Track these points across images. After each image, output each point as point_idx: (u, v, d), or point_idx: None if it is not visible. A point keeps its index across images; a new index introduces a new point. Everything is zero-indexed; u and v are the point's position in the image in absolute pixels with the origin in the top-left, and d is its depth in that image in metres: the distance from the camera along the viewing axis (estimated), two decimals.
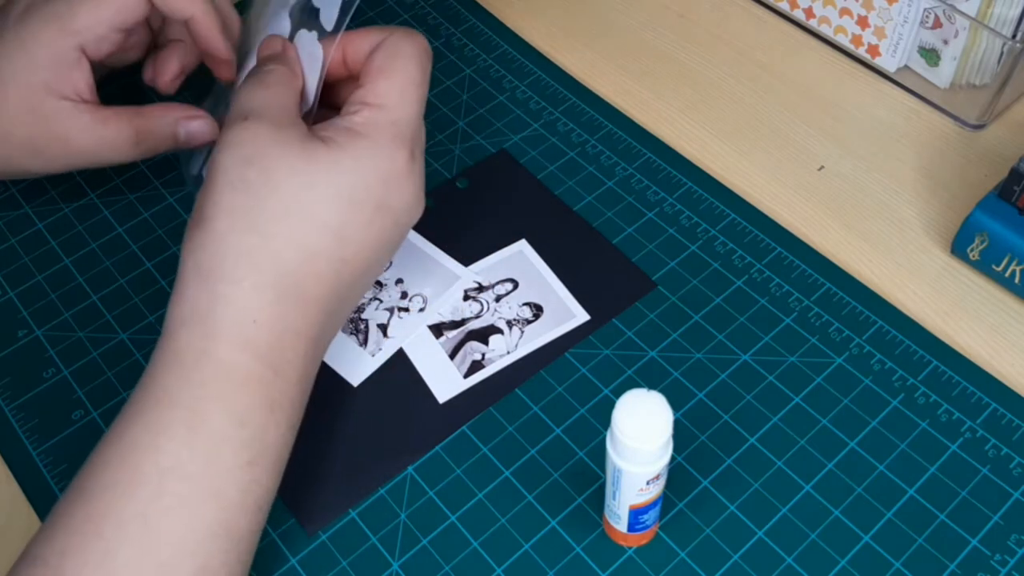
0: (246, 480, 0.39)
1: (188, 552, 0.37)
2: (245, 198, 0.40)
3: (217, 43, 0.49)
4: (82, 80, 0.48)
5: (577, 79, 0.61)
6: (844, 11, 0.60)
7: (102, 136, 0.49)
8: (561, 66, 0.62)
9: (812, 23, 0.63)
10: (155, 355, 0.40)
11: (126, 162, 0.51)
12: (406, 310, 0.51)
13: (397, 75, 0.43)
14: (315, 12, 0.46)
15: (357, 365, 0.49)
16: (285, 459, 0.41)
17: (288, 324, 0.40)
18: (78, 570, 0.36)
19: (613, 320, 0.50)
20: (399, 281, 0.52)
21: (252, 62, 0.51)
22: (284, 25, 0.47)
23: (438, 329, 0.50)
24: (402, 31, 0.45)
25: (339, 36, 0.44)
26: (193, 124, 0.50)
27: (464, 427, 0.47)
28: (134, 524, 0.37)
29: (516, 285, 0.52)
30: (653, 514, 0.42)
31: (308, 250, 0.40)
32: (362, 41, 0.45)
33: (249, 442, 0.39)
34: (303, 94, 0.45)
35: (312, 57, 0.45)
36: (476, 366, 0.49)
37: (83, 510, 0.37)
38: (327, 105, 0.47)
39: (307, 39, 0.46)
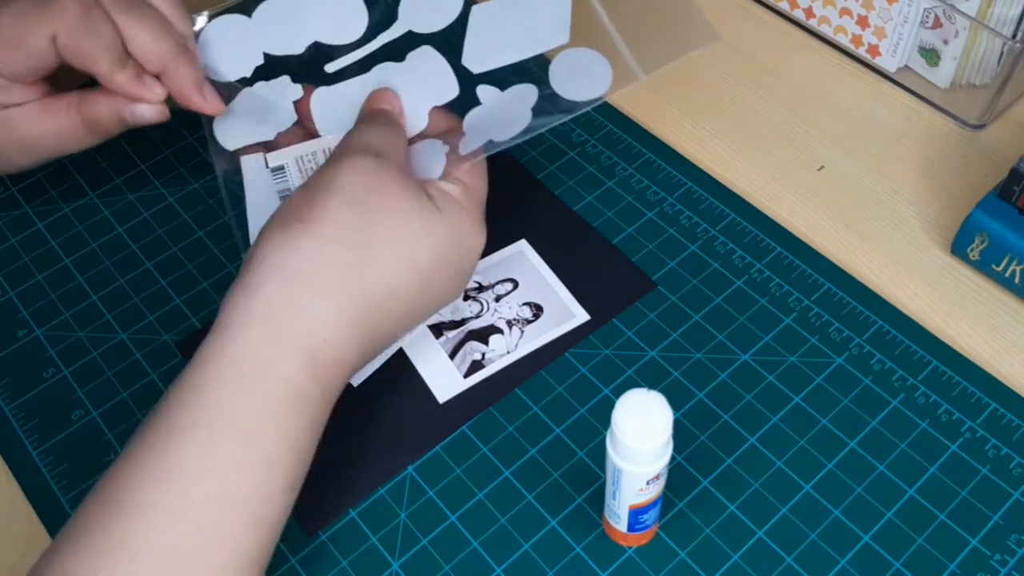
0: (286, 504, 0.38)
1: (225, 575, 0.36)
2: (358, 218, 0.40)
3: (135, 93, 0.48)
4: (25, 93, 0.47)
5: None
6: (844, 11, 0.60)
7: (55, 129, 0.48)
8: None
9: (812, 23, 0.63)
10: (207, 351, 0.38)
11: (88, 147, 0.50)
12: None
13: (479, 160, 0.46)
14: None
15: None
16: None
17: (350, 350, 0.40)
18: None
19: (613, 320, 0.50)
20: None
21: (354, 90, 0.50)
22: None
23: (438, 329, 0.50)
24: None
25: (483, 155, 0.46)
26: (138, 109, 0.48)
27: (464, 427, 0.47)
28: (177, 549, 0.35)
29: (516, 285, 0.52)
30: (653, 514, 0.42)
31: (394, 287, 0.41)
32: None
33: (295, 467, 0.38)
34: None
35: (495, 127, 0.46)
36: (476, 366, 0.49)
37: (120, 526, 0.35)
38: None
39: (502, 111, 0.47)
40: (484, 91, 0.48)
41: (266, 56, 0.50)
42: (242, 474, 0.37)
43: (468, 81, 0.49)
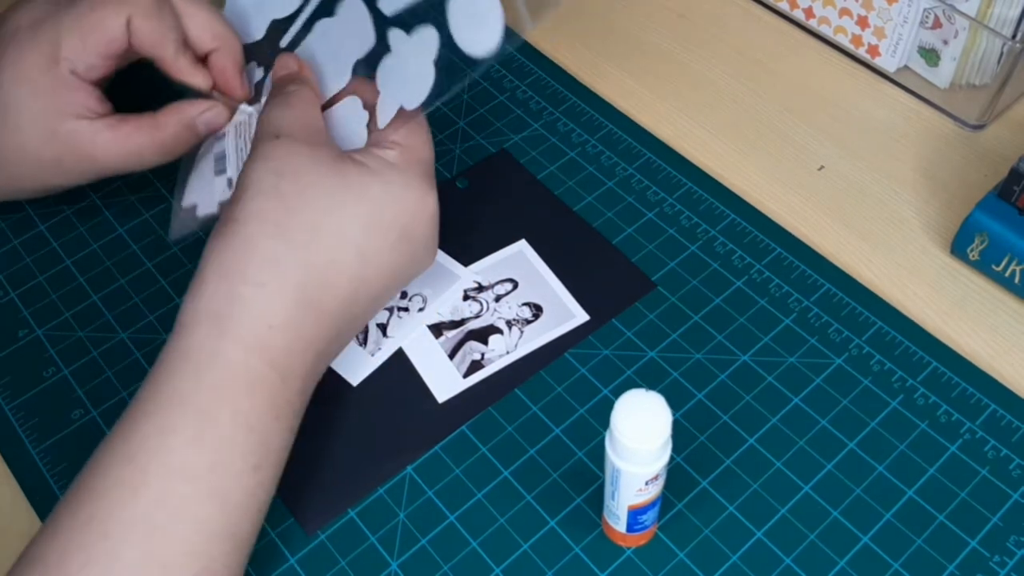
0: (252, 484, 0.39)
1: (192, 554, 0.37)
2: (277, 205, 0.41)
3: (192, 79, 0.50)
4: (89, 97, 0.48)
5: (577, 79, 0.62)
6: (844, 11, 0.60)
7: (125, 151, 0.49)
8: (562, 66, 0.62)
9: (812, 23, 0.63)
10: (165, 351, 0.40)
11: (148, 168, 0.51)
12: (406, 310, 0.51)
13: (415, 121, 0.45)
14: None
15: (356, 365, 0.49)
16: (283, 465, 0.41)
17: (301, 333, 0.41)
18: (80, 569, 0.36)
19: (613, 320, 0.50)
20: None
21: (258, 75, 0.51)
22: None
23: (438, 329, 0.50)
24: None
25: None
26: (208, 115, 0.50)
27: (463, 427, 0.47)
28: (140, 525, 0.37)
29: (516, 285, 0.52)
30: (652, 514, 0.42)
31: (333, 265, 0.41)
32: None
33: (256, 447, 0.39)
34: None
35: (404, 87, 0.46)
36: (475, 366, 0.49)
37: (87, 510, 0.37)
38: None
39: (408, 62, 0.46)
40: (393, 35, 0.47)
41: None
42: (197, 450, 0.38)
43: (383, 28, 0.48)
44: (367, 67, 0.47)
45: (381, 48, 0.47)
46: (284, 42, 0.51)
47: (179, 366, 0.39)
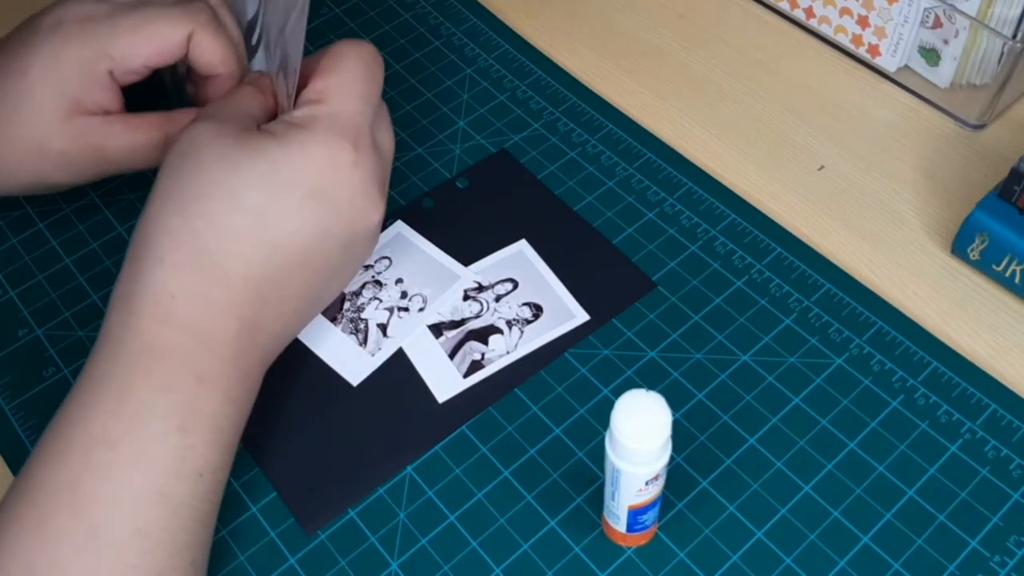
0: (179, 446, 0.39)
1: (121, 516, 0.38)
2: (175, 184, 0.42)
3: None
4: (111, 98, 0.49)
5: (578, 79, 0.61)
6: (844, 11, 0.60)
7: (134, 144, 0.49)
8: (562, 66, 0.62)
9: (812, 23, 0.63)
10: (96, 340, 0.42)
11: (155, 167, 0.50)
12: (406, 310, 0.51)
13: (337, 73, 0.44)
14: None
15: (356, 365, 0.49)
16: (228, 433, 0.42)
17: (211, 300, 0.41)
18: (15, 539, 0.37)
19: (613, 320, 0.50)
20: (399, 281, 0.52)
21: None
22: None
23: (438, 329, 0.50)
24: (348, 40, 0.47)
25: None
26: None
27: (463, 427, 0.47)
28: (64, 491, 0.38)
29: (516, 285, 0.52)
30: (652, 514, 0.42)
31: (229, 229, 0.41)
32: (317, 57, 0.47)
33: (177, 408, 0.40)
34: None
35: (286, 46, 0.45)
36: (475, 366, 0.49)
37: (19, 485, 0.39)
38: None
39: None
40: None
41: None
42: (116, 417, 0.39)
43: None
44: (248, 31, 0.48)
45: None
46: (254, 39, 0.51)
47: (99, 347, 0.41)
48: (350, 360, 0.49)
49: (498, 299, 0.51)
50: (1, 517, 0.38)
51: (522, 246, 0.54)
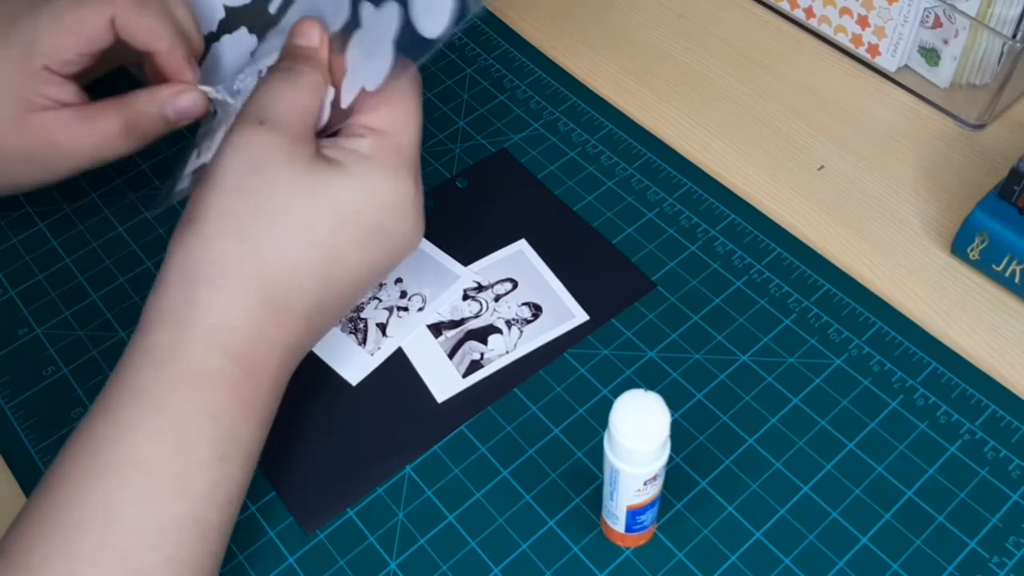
0: (217, 474, 0.39)
1: (153, 543, 0.37)
2: (241, 204, 0.40)
3: (182, 75, 0.48)
4: (61, 91, 0.48)
5: (577, 79, 0.61)
6: (844, 10, 0.60)
7: (91, 134, 0.48)
8: (562, 66, 0.62)
9: (812, 23, 0.63)
10: (127, 351, 0.40)
11: (124, 156, 0.49)
12: (405, 309, 0.51)
13: (398, 103, 0.43)
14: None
15: (356, 364, 0.49)
16: (257, 456, 0.41)
17: (266, 333, 0.40)
18: (41, 562, 0.36)
19: (612, 320, 0.50)
20: (398, 280, 0.52)
21: (276, 40, 0.48)
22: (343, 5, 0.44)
23: (437, 328, 0.50)
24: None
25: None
26: (181, 101, 0.48)
27: (462, 427, 0.47)
28: (96, 515, 0.37)
29: (515, 285, 0.52)
30: (651, 515, 0.42)
31: (296, 265, 0.40)
32: None
33: (223, 438, 0.39)
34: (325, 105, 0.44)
35: (367, 66, 0.43)
36: (475, 366, 0.49)
37: (46, 502, 0.38)
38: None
39: (373, 40, 0.43)
40: (364, 9, 0.44)
41: (226, 9, 0.49)
42: (156, 442, 0.38)
43: (357, 1, 0.44)
44: (340, 42, 0.44)
45: (354, 23, 0.44)
46: (272, 7, 0.49)
47: (139, 363, 0.39)
48: (349, 359, 0.49)
49: (497, 299, 0.51)
50: (28, 535, 0.37)
51: (522, 246, 0.54)
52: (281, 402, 0.48)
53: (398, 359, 0.49)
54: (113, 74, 0.55)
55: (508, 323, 0.51)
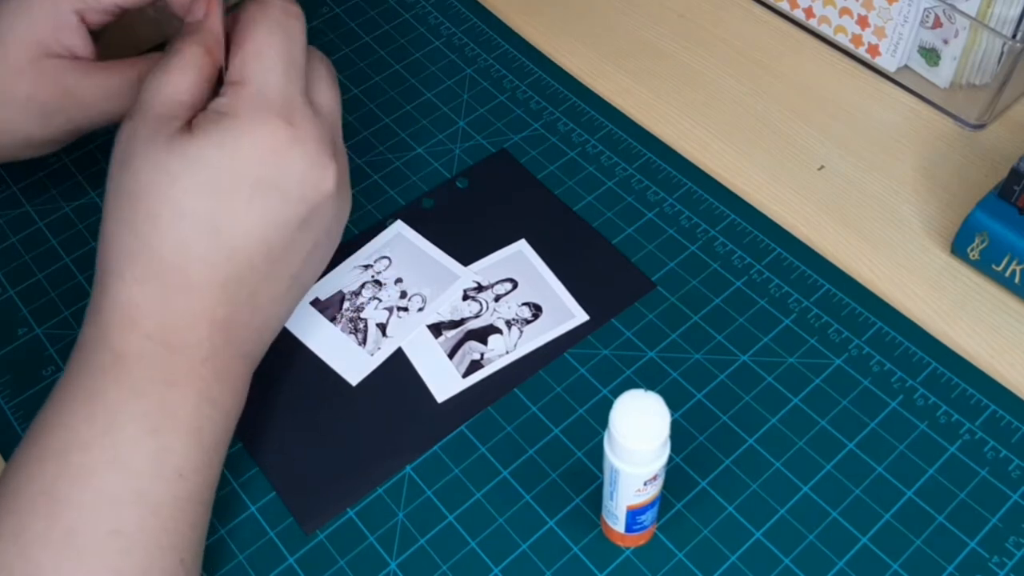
0: (153, 447, 0.40)
1: (96, 517, 0.38)
2: (123, 201, 0.41)
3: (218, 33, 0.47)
4: (80, 43, 0.48)
5: (577, 79, 0.61)
6: (844, 11, 0.60)
7: (106, 86, 0.48)
8: (562, 66, 0.62)
9: (812, 23, 0.63)
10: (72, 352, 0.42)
11: None
12: (405, 309, 0.51)
13: (252, 44, 0.42)
14: None
15: (355, 364, 0.49)
16: (209, 433, 0.41)
17: (175, 308, 0.41)
18: None
19: (612, 320, 0.50)
20: (398, 280, 0.52)
21: None
22: None
23: (437, 329, 0.50)
24: (254, 1, 0.43)
25: None
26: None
27: (462, 427, 0.47)
28: (41, 496, 0.38)
29: (515, 285, 0.52)
30: (651, 515, 0.42)
31: (183, 240, 0.41)
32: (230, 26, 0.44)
33: (150, 411, 0.40)
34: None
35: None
36: (475, 366, 0.49)
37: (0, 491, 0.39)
38: None
39: None
40: None
41: None
42: (89, 422, 0.39)
43: None
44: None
45: None
46: None
47: (74, 358, 0.41)
48: (349, 360, 0.49)
49: (497, 299, 0.51)
50: None
51: (521, 246, 0.54)
52: (281, 402, 0.48)
53: (398, 359, 0.49)
54: None
55: (508, 323, 0.50)
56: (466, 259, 0.53)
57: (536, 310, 0.51)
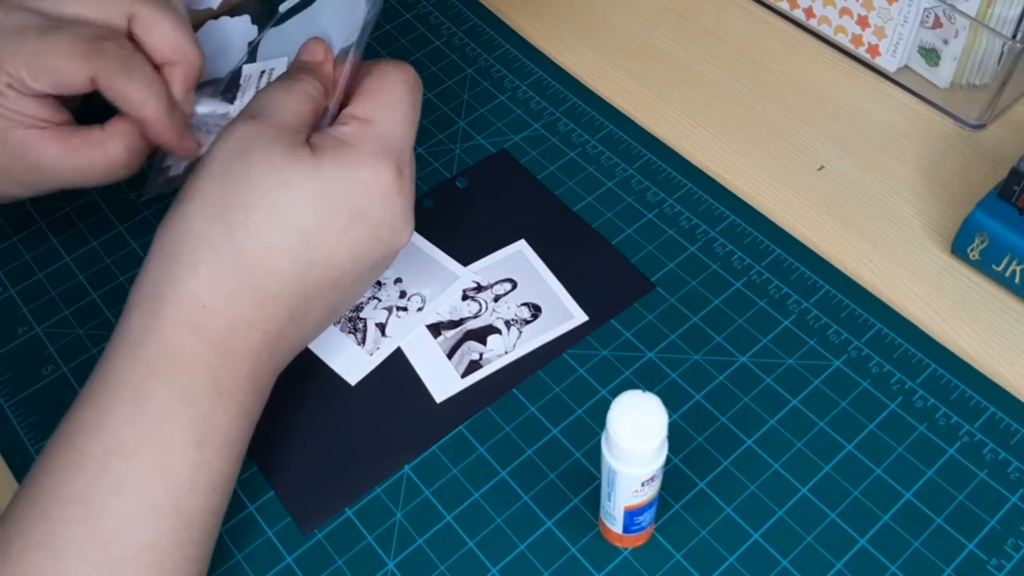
0: (196, 460, 0.39)
1: (133, 529, 0.37)
2: (221, 186, 0.41)
3: (167, 138, 0.47)
4: (41, 107, 0.45)
5: (578, 79, 0.61)
6: (844, 11, 0.60)
7: (75, 166, 0.46)
8: (562, 66, 0.62)
9: (812, 23, 0.63)
10: (111, 337, 0.41)
11: (109, 184, 0.48)
12: (404, 309, 0.51)
13: (385, 95, 0.44)
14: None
15: (355, 364, 0.49)
16: (240, 444, 0.41)
17: (242, 314, 0.40)
18: (24, 554, 0.37)
19: (611, 321, 0.50)
20: (398, 280, 0.52)
21: (281, 66, 0.51)
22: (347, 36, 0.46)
23: (436, 329, 0.50)
24: (391, 60, 0.46)
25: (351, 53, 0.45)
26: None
27: (461, 427, 0.47)
28: (76, 503, 0.37)
29: (515, 285, 0.52)
30: (648, 515, 0.42)
31: (271, 247, 0.41)
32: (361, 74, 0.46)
33: (197, 422, 0.39)
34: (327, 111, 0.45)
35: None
36: (474, 366, 0.49)
37: (30, 493, 0.38)
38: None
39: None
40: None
41: None
42: (132, 426, 0.38)
43: None
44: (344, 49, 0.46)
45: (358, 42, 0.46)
46: (283, 8, 0.50)
47: (117, 348, 0.40)
48: (348, 359, 0.49)
49: (497, 299, 0.51)
50: (9, 526, 0.38)
51: (521, 246, 0.53)
52: (280, 402, 0.48)
53: (397, 359, 0.49)
54: None
55: (507, 323, 0.51)
56: (466, 259, 0.53)
57: (535, 310, 0.51)
